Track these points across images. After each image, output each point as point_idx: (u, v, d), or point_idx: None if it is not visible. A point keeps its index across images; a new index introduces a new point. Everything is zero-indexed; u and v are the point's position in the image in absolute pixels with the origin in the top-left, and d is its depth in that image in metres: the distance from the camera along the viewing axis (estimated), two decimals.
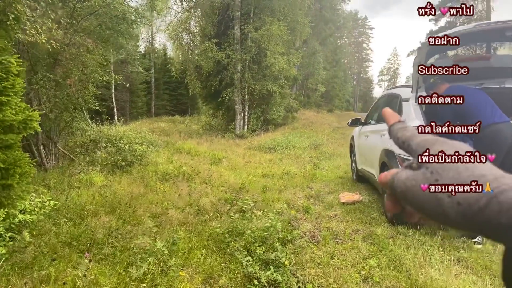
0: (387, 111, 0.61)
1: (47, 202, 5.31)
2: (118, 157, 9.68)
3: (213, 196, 6.84)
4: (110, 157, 9.78)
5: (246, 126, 22.67)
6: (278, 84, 22.78)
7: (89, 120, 14.03)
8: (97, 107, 12.17)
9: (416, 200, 0.48)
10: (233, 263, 3.98)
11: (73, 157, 10.79)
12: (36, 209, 5.20)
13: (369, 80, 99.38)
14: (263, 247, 4.09)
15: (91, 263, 3.66)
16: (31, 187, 4.94)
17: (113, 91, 30.80)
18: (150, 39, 45.73)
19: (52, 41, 6.73)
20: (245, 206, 5.77)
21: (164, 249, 3.78)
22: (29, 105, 3.95)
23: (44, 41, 6.00)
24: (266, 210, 5.74)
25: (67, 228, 4.90)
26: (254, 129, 22.75)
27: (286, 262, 3.95)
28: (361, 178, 8.13)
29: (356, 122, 7.94)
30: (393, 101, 6.19)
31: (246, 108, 22.63)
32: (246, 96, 22.41)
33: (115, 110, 30.38)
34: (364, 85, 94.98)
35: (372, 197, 7.06)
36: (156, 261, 3.68)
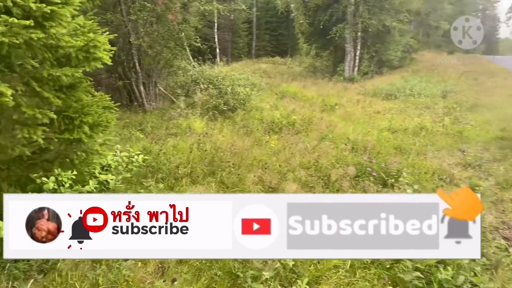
0: None
1: (135, 157, 4.25)
2: (220, 100, 8.53)
3: (339, 159, 5.23)
4: (211, 100, 8.68)
5: (356, 68, 20.18)
6: (398, 18, 19.47)
7: (191, 58, 13.14)
8: (198, 44, 11.10)
9: None
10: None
11: (174, 99, 9.97)
12: (122, 164, 4.18)
13: (496, 18, 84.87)
14: (447, 268, 2.43)
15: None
16: (113, 139, 3.87)
17: (215, 30, 29.96)
18: None
19: None
20: (390, 180, 4.08)
21: (288, 260, 2.35)
22: (93, 24, 2.69)
23: None
24: (417, 186, 3.98)
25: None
26: (365, 72, 20.14)
27: None
28: None
29: None
30: None
31: (358, 47, 19.99)
32: (359, 33, 19.68)
33: (217, 50, 29.63)
34: (489, 23, 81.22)
35: None
36: (278, 283, 2.29)
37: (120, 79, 9.78)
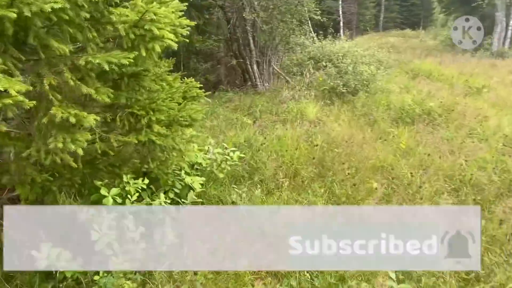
0: None
1: (230, 154, 3.59)
2: (339, 81, 7.44)
3: (496, 167, 3.83)
4: (329, 81, 7.65)
5: (508, 40, 16.96)
6: None
7: (312, 33, 12.16)
8: (318, 17, 10.02)
9: None
10: None
11: (288, 78, 9.18)
12: (217, 161, 3.56)
13: None
14: None
15: None
16: (202, 135, 3.24)
17: (340, 2, 28.11)
18: None
19: None
20: None
21: None
22: None
23: None
24: None
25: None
26: None
27: None
28: None
29: None
30: None
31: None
32: None
33: (341, 23, 27.77)
34: None
35: None
36: None
37: (235, 57, 9.38)
